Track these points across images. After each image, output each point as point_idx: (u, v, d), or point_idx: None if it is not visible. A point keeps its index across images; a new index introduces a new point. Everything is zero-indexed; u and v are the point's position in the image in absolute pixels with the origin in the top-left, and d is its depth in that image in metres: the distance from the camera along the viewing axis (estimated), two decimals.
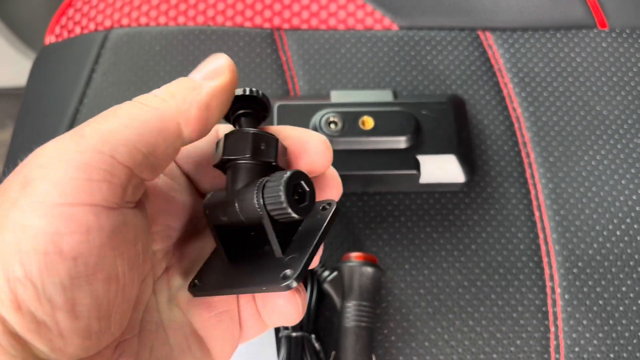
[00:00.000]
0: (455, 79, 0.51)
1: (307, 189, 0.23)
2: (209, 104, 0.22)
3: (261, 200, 0.23)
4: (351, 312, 0.39)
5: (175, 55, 0.51)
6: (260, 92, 0.25)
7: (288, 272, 0.23)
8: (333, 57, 0.52)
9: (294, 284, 0.22)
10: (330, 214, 0.25)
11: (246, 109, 0.25)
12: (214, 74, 0.23)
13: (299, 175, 0.23)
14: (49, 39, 0.55)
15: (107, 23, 0.53)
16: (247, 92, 0.25)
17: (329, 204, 0.25)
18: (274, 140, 0.25)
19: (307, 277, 0.42)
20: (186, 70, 0.50)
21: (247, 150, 0.24)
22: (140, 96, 0.22)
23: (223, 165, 0.25)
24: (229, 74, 0.23)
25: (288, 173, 0.23)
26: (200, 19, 0.53)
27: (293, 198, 0.23)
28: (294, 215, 0.23)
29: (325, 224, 0.24)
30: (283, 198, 0.22)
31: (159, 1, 0.53)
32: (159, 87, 0.23)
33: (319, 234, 0.24)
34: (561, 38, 0.53)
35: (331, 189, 0.26)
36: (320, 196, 0.26)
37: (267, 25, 0.53)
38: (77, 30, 0.53)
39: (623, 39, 0.53)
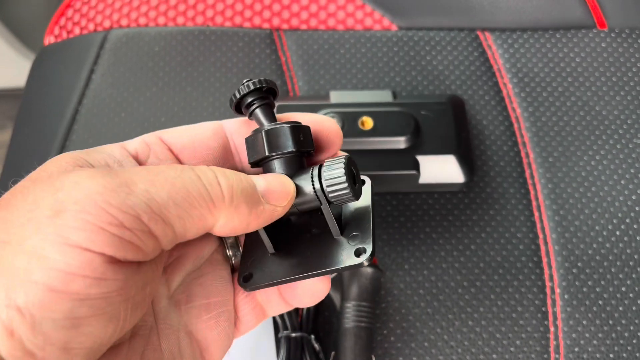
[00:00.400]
0: (454, 79, 0.51)
1: (355, 172, 0.25)
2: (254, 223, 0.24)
3: (318, 185, 0.24)
4: (350, 312, 0.39)
5: (175, 55, 0.51)
6: (268, 80, 0.26)
7: (362, 247, 0.24)
8: (332, 58, 0.52)
9: (370, 259, 0.24)
10: (371, 189, 0.26)
11: (261, 100, 0.26)
12: (279, 198, 0.24)
13: (351, 160, 0.24)
14: (48, 40, 0.55)
15: (106, 24, 0.53)
16: (263, 85, 0.26)
17: (362, 180, 0.26)
18: (308, 129, 0.26)
19: None
20: (185, 71, 0.50)
21: (291, 144, 0.25)
22: (207, 175, 0.22)
23: (259, 162, 0.26)
24: (285, 209, 0.24)
25: (343, 159, 0.24)
26: (200, 20, 0.53)
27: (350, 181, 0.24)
28: (353, 197, 0.24)
29: (371, 200, 0.25)
30: (345, 182, 0.23)
31: (158, 2, 0.53)
32: (157, 87, 0.23)
33: (371, 209, 0.25)
34: (560, 38, 0.53)
35: None
36: None
37: (266, 25, 0.53)
38: (77, 30, 0.53)
39: (622, 38, 0.53)
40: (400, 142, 0.44)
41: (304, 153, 0.25)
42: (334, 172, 0.24)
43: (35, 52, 0.57)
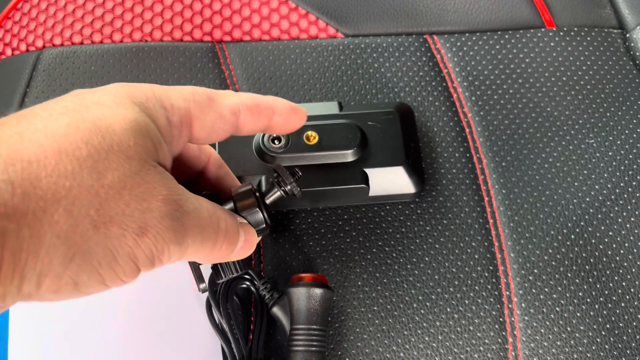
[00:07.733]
0: (403, 85, 0.50)
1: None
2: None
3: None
4: (300, 337, 0.38)
5: (113, 74, 0.49)
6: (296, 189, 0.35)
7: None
8: (278, 69, 0.50)
9: None
10: None
11: (286, 192, 0.35)
12: (245, 250, 0.33)
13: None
14: None
15: (39, 43, 0.50)
16: (297, 193, 0.35)
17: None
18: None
19: (256, 302, 0.41)
20: None
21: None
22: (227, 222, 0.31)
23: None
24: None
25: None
26: (137, 36, 0.50)
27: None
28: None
29: None
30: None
31: (93, 19, 0.50)
32: None
33: None
34: (509, 39, 0.52)
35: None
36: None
37: (207, 38, 0.51)
38: (8, 51, 0.51)
39: (571, 37, 0.52)
40: (347, 156, 0.43)
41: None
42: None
43: None
